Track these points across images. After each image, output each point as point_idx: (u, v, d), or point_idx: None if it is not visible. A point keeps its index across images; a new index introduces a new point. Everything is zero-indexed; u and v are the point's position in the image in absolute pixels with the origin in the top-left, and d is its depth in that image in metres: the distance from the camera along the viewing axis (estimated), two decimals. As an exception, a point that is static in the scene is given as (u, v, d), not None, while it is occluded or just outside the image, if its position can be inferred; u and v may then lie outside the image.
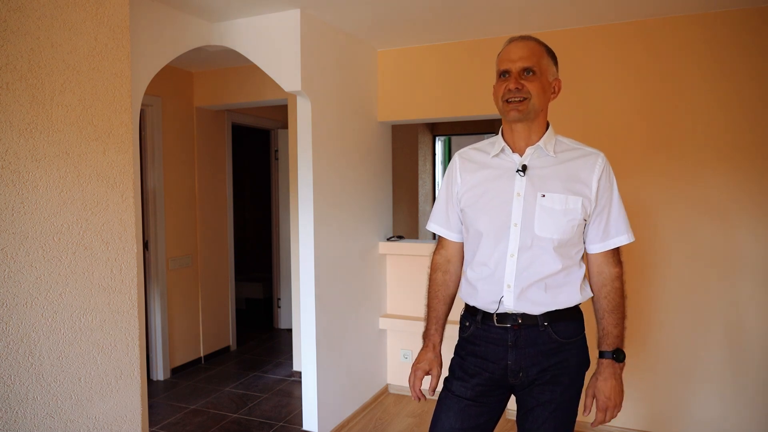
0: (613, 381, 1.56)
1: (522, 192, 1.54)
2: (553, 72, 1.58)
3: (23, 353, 1.50)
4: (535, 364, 1.56)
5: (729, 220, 2.86)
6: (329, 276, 3.12)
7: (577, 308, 1.62)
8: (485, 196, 1.59)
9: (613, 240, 1.57)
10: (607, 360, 1.57)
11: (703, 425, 2.96)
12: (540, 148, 1.56)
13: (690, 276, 2.94)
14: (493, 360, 1.59)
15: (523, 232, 1.53)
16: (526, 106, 1.51)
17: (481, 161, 1.64)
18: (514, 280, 1.55)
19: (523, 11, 2.86)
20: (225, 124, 4.69)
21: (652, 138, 2.98)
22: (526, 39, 1.56)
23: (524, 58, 1.52)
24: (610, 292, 1.58)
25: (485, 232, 1.58)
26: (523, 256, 1.54)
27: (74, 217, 1.63)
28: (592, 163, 1.55)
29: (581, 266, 1.61)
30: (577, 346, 1.60)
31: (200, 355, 4.48)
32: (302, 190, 2.99)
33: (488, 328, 1.60)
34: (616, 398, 1.56)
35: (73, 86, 1.62)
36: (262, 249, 6.72)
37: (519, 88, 1.50)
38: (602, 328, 1.59)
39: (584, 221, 1.55)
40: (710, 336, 2.92)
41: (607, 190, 1.56)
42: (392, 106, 3.63)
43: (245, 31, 2.95)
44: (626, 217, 1.60)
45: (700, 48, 2.86)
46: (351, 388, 3.36)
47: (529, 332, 1.56)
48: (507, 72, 1.54)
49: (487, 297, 1.59)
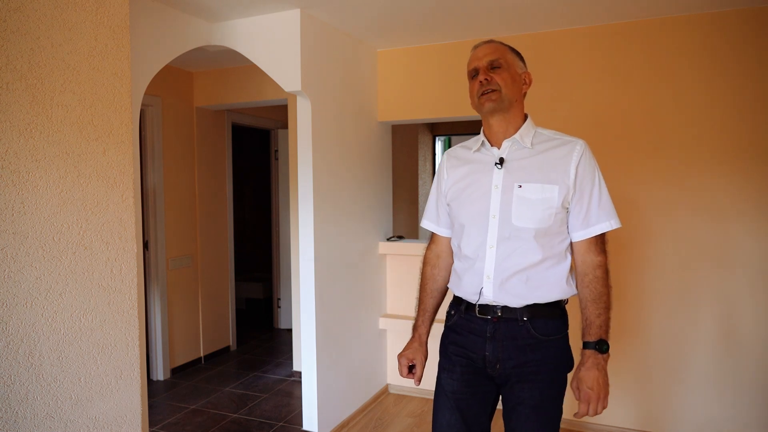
0: (595, 371, 1.53)
1: (499, 184, 1.58)
2: (520, 65, 1.65)
3: (23, 353, 1.50)
4: (511, 357, 1.58)
5: (721, 217, 2.87)
6: (329, 276, 3.12)
7: (559, 307, 1.62)
8: (467, 190, 1.65)
9: (595, 227, 1.57)
10: (589, 350, 1.56)
11: (695, 424, 2.96)
12: (516, 141, 1.60)
13: (681, 273, 2.94)
14: (472, 350, 1.63)
15: (501, 223, 1.57)
16: (498, 96, 1.57)
17: (465, 157, 1.71)
18: (493, 271, 1.58)
19: (522, 11, 2.86)
20: (225, 124, 4.69)
21: (651, 138, 2.98)
22: (489, 41, 1.67)
23: (489, 54, 1.61)
24: (592, 281, 1.57)
25: (467, 224, 1.64)
26: (503, 247, 1.57)
27: (74, 217, 1.63)
28: (570, 150, 1.57)
29: (566, 259, 1.60)
30: (556, 345, 1.60)
31: (200, 355, 4.48)
32: (302, 190, 2.99)
33: (470, 317, 1.64)
34: (599, 390, 1.52)
35: (73, 86, 1.62)
36: (262, 249, 6.72)
37: (488, 79, 1.58)
38: (585, 318, 1.58)
39: (564, 210, 1.56)
40: (702, 334, 2.92)
41: (588, 176, 1.57)
42: (392, 106, 3.63)
43: (245, 31, 2.95)
44: (611, 203, 1.60)
45: (696, 48, 2.87)
46: (351, 388, 3.36)
47: (508, 326, 1.58)
48: (476, 70, 1.62)
49: (469, 288, 1.63)
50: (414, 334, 1.81)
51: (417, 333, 1.80)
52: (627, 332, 3.06)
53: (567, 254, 1.61)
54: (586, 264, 1.58)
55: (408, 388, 3.73)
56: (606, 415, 3.13)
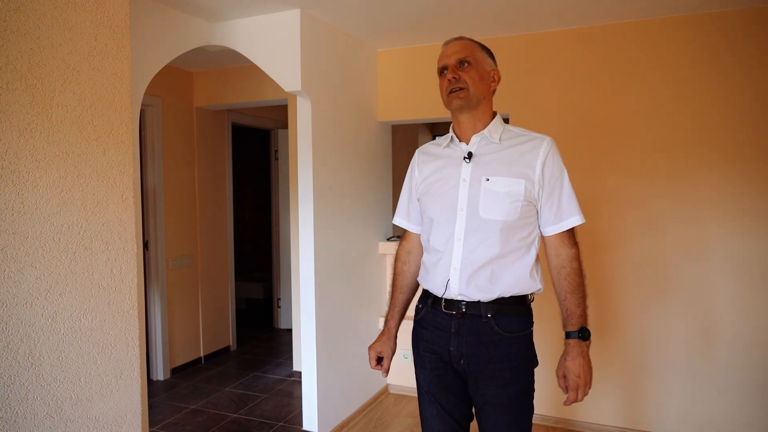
0: (581, 359, 1.58)
1: (468, 177, 1.62)
2: (489, 63, 1.68)
3: (23, 353, 1.50)
4: (474, 353, 1.61)
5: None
6: (329, 276, 3.12)
7: (525, 304, 1.65)
8: (436, 184, 1.69)
9: (567, 221, 1.62)
10: (573, 339, 1.59)
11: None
12: (485, 136, 1.64)
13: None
14: (438, 345, 1.68)
15: (469, 215, 1.61)
16: (466, 94, 1.61)
17: (435, 153, 1.75)
18: (460, 263, 1.61)
19: (522, 11, 2.86)
20: (225, 124, 4.69)
21: (652, 138, 2.98)
22: (459, 38, 1.69)
23: (458, 52, 1.64)
24: (569, 273, 1.61)
25: (435, 217, 1.68)
26: (470, 239, 1.61)
27: (74, 217, 1.63)
28: (537, 147, 1.61)
29: (530, 253, 1.64)
30: (519, 342, 1.62)
31: (200, 355, 4.48)
32: (302, 190, 2.99)
33: (436, 312, 1.68)
34: (585, 376, 1.57)
35: (73, 86, 1.62)
36: (262, 249, 6.72)
37: (456, 77, 1.61)
38: (565, 309, 1.62)
39: (529, 204, 1.60)
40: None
41: (556, 172, 1.62)
42: (392, 106, 3.63)
43: (245, 31, 2.94)
44: (576, 199, 1.64)
45: (696, 48, 2.87)
46: (351, 388, 3.36)
47: (472, 322, 1.62)
48: (445, 67, 1.66)
49: (436, 280, 1.67)
50: (384, 329, 1.88)
51: (387, 327, 1.87)
52: (612, 330, 3.07)
53: (532, 249, 1.64)
54: (562, 257, 1.62)
55: (408, 388, 3.74)
56: (593, 412, 3.16)
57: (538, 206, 1.62)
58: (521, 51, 3.25)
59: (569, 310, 1.61)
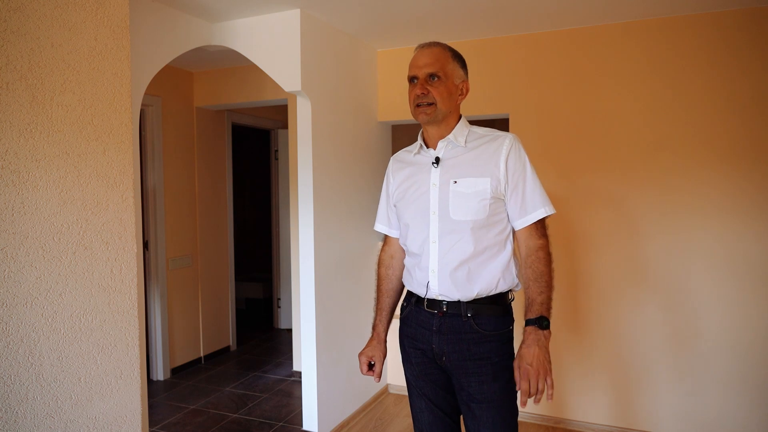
0: (536, 348, 1.54)
1: (437, 182, 1.67)
2: (459, 75, 1.69)
3: (23, 353, 1.50)
4: (455, 351, 1.64)
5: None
6: (329, 276, 3.12)
7: (504, 303, 1.67)
8: (409, 190, 1.74)
9: (533, 214, 1.64)
10: (530, 327, 1.58)
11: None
12: (451, 141, 1.68)
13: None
14: (422, 341, 1.72)
15: (441, 218, 1.65)
16: (433, 110, 1.64)
17: (407, 160, 1.80)
18: (437, 264, 1.65)
19: (521, 12, 2.86)
20: (225, 124, 4.69)
21: (652, 138, 2.98)
22: (433, 45, 1.67)
23: (429, 65, 1.64)
24: (534, 261, 1.62)
25: (410, 222, 1.73)
26: (444, 241, 1.64)
27: (74, 217, 1.63)
28: (500, 145, 1.64)
29: (506, 249, 1.66)
30: (499, 340, 1.64)
31: (200, 355, 4.48)
32: (302, 190, 2.99)
33: (419, 311, 1.73)
34: (538, 366, 1.52)
35: (73, 86, 1.62)
36: (262, 249, 6.72)
37: (425, 93, 1.63)
38: (527, 297, 1.63)
39: (497, 201, 1.63)
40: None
41: (519, 168, 1.64)
42: (392, 106, 3.63)
43: (245, 31, 2.94)
44: (543, 191, 1.66)
45: (696, 48, 2.87)
46: (351, 388, 3.36)
47: (453, 320, 1.65)
48: (415, 78, 1.67)
49: (417, 282, 1.72)
50: (373, 334, 1.89)
51: (376, 332, 1.89)
52: (612, 330, 3.07)
53: (507, 245, 1.67)
54: (529, 248, 1.65)
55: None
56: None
57: (506, 202, 1.65)
58: (521, 51, 3.25)
59: (530, 298, 1.61)
